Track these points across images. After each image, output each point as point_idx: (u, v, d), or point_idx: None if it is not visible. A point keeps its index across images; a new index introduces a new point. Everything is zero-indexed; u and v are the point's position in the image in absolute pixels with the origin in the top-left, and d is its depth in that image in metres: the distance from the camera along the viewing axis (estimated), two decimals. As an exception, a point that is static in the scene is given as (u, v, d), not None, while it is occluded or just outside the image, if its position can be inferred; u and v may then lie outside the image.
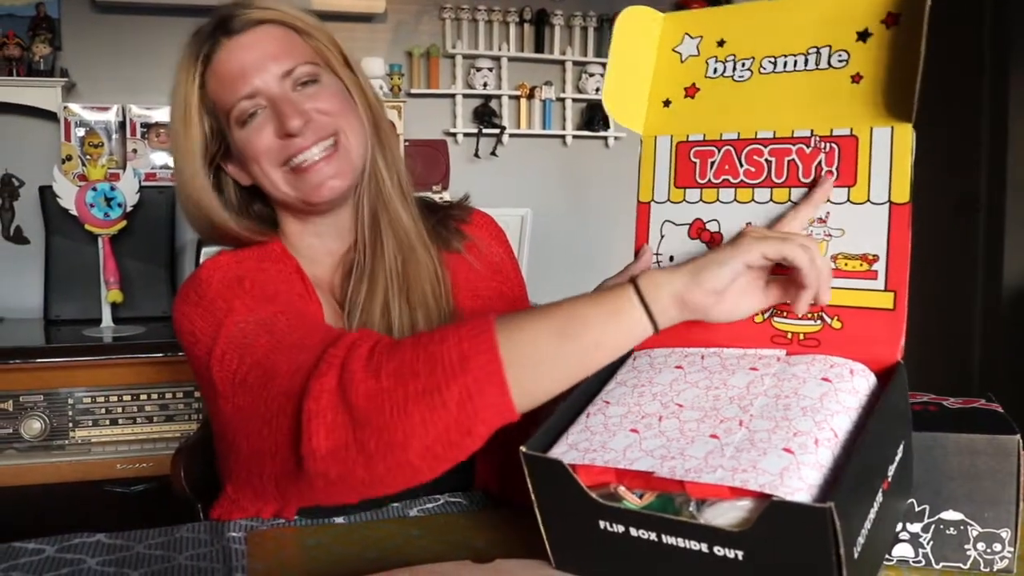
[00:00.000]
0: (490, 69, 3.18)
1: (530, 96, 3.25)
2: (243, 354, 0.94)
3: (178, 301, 1.06)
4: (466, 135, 3.20)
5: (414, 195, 1.20)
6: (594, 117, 3.31)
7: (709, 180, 0.88)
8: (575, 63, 3.31)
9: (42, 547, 0.94)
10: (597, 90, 3.30)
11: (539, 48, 3.26)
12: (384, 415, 0.78)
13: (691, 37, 0.92)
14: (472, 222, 1.26)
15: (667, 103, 0.92)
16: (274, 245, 1.14)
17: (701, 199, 0.88)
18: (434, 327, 1.11)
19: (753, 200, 0.85)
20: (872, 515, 0.67)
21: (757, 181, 0.85)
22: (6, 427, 2.14)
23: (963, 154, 3.84)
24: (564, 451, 0.76)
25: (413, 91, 3.12)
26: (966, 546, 0.80)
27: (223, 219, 1.10)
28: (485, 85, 3.18)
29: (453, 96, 3.19)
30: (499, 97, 3.22)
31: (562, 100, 3.30)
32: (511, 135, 3.25)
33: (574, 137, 3.34)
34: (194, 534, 1.00)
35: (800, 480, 0.64)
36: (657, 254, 0.91)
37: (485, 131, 3.18)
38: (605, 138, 3.36)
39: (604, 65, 3.27)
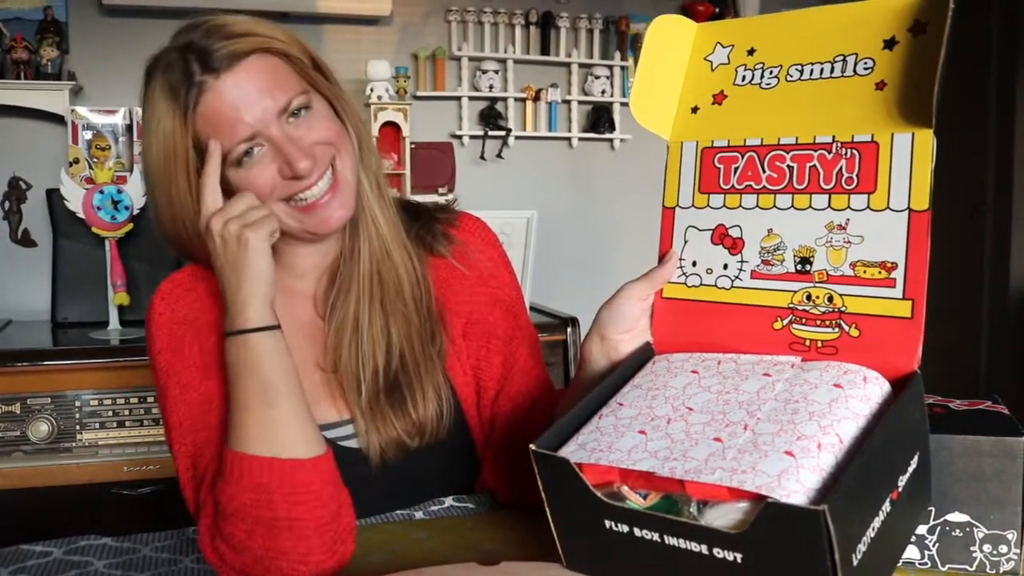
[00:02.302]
0: (496, 71, 3.18)
1: (536, 98, 3.25)
2: (174, 440, 1.02)
3: (145, 330, 1.10)
4: (472, 137, 3.20)
5: (397, 197, 1.19)
6: (600, 119, 3.31)
7: (732, 186, 0.88)
8: (581, 65, 3.30)
9: (49, 549, 0.95)
10: (603, 92, 3.30)
11: (545, 50, 3.25)
12: (262, 564, 0.89)
13: (723, 46, 0.92)
14: (460, 226, 1.22)
15: (695, 110, 0.93)
16: None
17: (724, 205, 0.88)
18: (411, 334, 1.11)
19: (775, 206, 0.85)
20: (877, 523, 0.67)
21: (779, 187, 0.85)
22: (13, 430, 2.14)
23: (969, 156, 3.84)
24: (573, 450, 0.76)
25: (419, 94, 3.12)
26: (972, 548, 0.80)
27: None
28: (491, 87, 3.18)
29: (459, 98, 3.18)
30: (505, 99, 3.22)
31: (568, 102, 3.30)
32: (517, 137, 3.25)
33: (580, 139, 3.34)
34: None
35: (798, 483, 0.64)
36: (681, 259, 0.91)
37: (491, 133, 3.18)
38: (611, 140, 3.36)
39: (610, 67, 3.31)
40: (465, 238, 1.20)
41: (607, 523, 0.72)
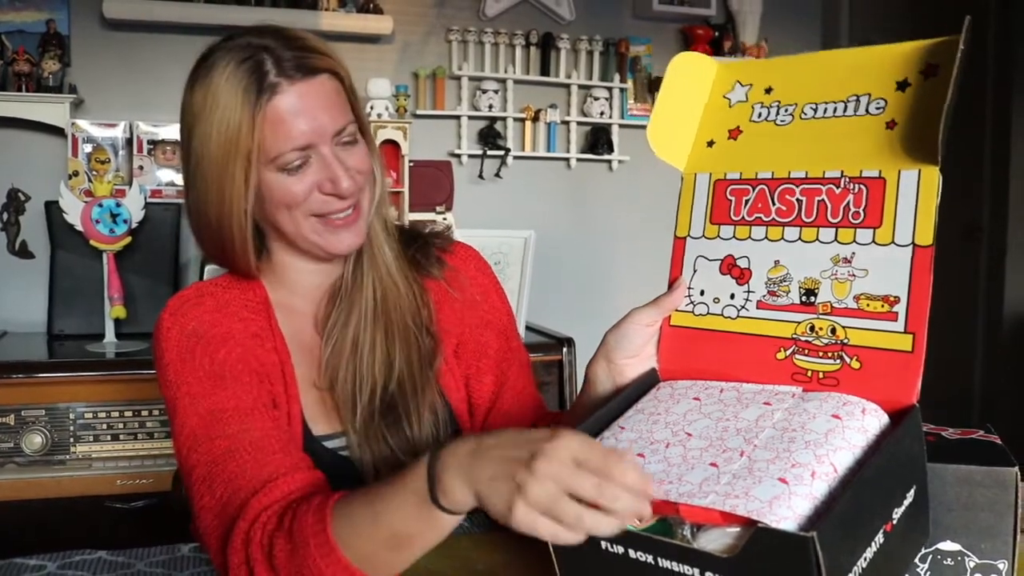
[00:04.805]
0: (496, 91, 3.20)
1: (535, 119, 3.27)
2: (189, 451, 0.98)
3: (153, 344, 1.08)
4: (471, 156, 3.21)
5: (395, 224, 1.22)
6: (598, 140, 3.32)
7: (743, 217, 0.89)
8: (580, 86, 3.32)
9: (43, 564, 0.95)
10: (602, 113, 3.31)
11: (545, 71, 3.27)
12: None
13: (742, 85, 0.94)
14: (454, 253, 1.25)
15: (711, 143, 0.95)
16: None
17: (734, 236, 0.90)
18: (412, 357, 1.13)
19: (783, 239, 0.86)
20: (869, 554, 0.67)
21: (788, 220, 0.86)
22: (7, 441, 2.14)
23: (965, 180, 3.86)
24: None
25: (419, 112, 3.13)
26: (964, 576, 0.81)
27: (249, 259, 1.10)
28: (490, 107, 3.19)
29: (458, 118, 3.20)
30: (504, 119, 3.23)
31: (567, 123, 3.31)
32: (515, 157, 3.26)
33: (578, 160, 3.35)
34: (196, 552, 1.00)
35: (789, 509, 0.65)
36: (689, 288, 0.92)
37: (490, 153, 3.20)
38: (609, 161, 3.37)
39: (609, 89, 3.32)
40: (457, 264, 1.24)
41: (603, 544, 0.72)
